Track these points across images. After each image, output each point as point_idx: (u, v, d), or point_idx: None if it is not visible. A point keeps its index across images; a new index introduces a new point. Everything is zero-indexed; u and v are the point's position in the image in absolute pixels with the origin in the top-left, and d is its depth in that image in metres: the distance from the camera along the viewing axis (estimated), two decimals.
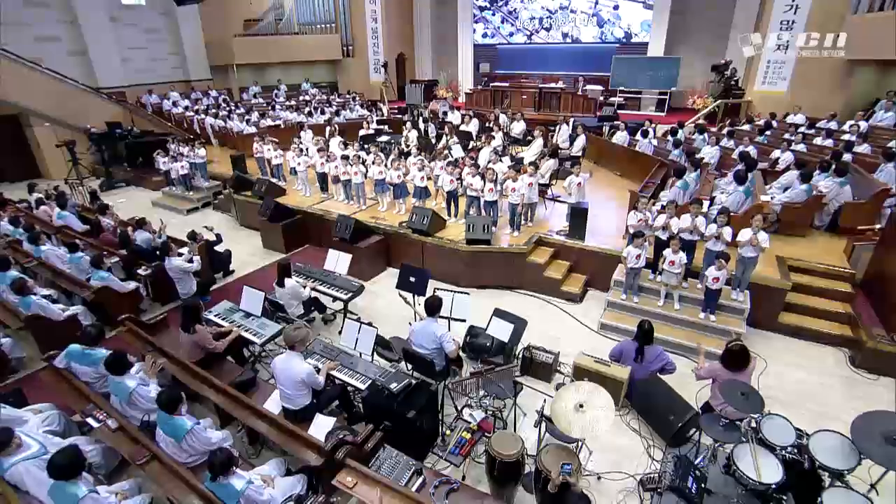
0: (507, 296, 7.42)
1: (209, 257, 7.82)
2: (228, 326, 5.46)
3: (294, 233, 9.09)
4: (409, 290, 6.00)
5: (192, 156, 11.67)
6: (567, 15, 18.75)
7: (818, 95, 13.05)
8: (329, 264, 6.65)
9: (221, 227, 10.44)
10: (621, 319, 6.41)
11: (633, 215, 6.47)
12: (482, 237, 7.23)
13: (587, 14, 18.31)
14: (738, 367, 4.23)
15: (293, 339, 4.22)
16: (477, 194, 7.94)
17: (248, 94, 19.71)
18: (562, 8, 18.82)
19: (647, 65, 16.49)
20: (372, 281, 7.93)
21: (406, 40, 22.14)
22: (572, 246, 7.52)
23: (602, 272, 7.30)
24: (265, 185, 9.67)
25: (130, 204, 12.61)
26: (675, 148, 9.99)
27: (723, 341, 5.86)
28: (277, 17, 19.90)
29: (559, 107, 16.24)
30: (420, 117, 13.82)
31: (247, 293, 5.73)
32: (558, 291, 7.23)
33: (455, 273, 7.55)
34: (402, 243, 8.10)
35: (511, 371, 3.95)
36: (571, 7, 18.56)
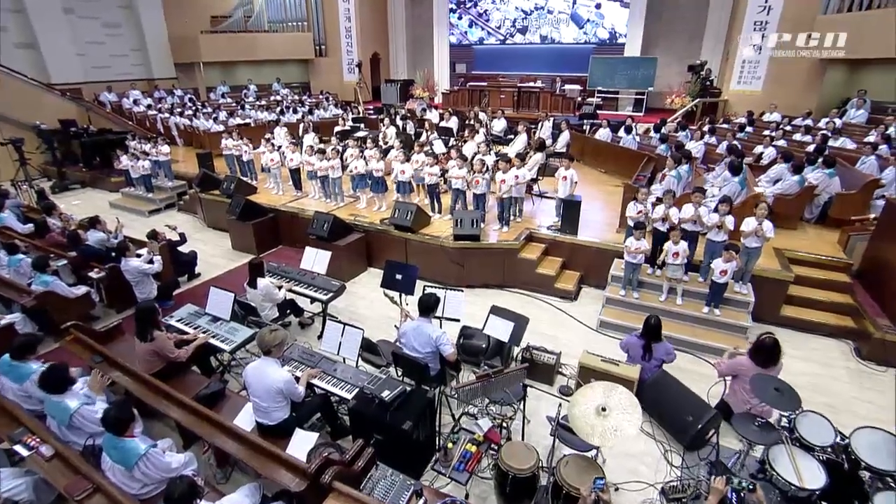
0: (498, 295, 6.99)
1: (172, 259, 7.13)
2: (193, 333, 4.84)
3: (266, 232, 8.45)
4: (394, 288, 5.49)
5: (155, 153, 10.86)
6: (544, 16, 18.64)
7: (792, 94, 13.24)
8: (306, 263, 6.08)
9: (187, 229, 9.69)
10: (621, 316, 6.07)
11: (633, 206, 6.16)
12: (471, 232, 6.80)
13: (565, 14, 18.23)
14: (768, 363, 3.91)
15: (269, 343, 3.66)
16: (463, 187, 7.52)
17: (215, 93, 18.81)
18: (538, 8, 18.73)
19: (625, 65, 16.50)
20: (352, 282, 7.38)
21: (380, 40, 21.67)
22: (564, 241, 7.17)
23: (596, 268, 6.98)
24: (234, 182, 9.00)
25: (86, 206, 11.65)
26: (661, 143, 9.84)
27: (729, 337, 5.62)
28: (246, 13, 19.11)
29: (538, 106, 16.06)
30: (397, 115, 13.35)
31: (214, 295, 5.12)
32: (552, 289, 6.85)
33: (442, 272, 7.08)
34: (384, 241, 7.59)
35: (522, 374, 3.50)
36: (548, 7, 18.47)
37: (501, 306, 4.99)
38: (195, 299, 6.41)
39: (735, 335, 5.63)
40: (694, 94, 14.60)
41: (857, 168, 8.14)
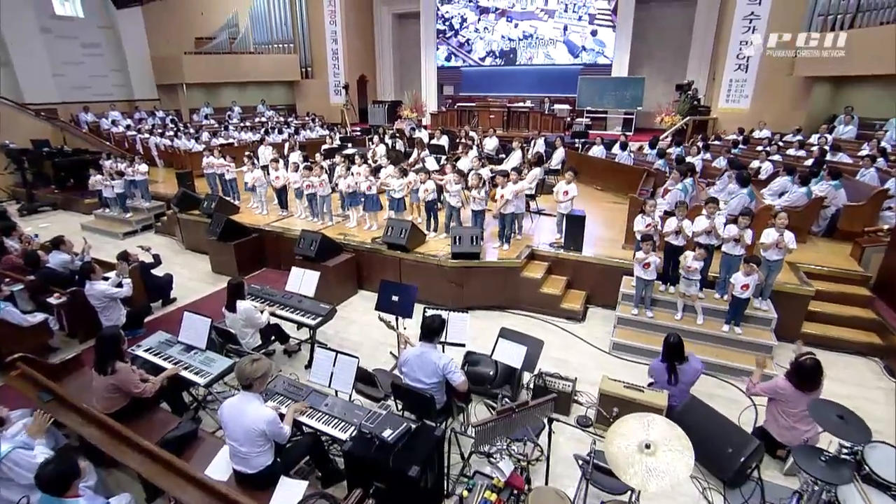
0: (500, 316, 6.52)
1: (144, 282, 6.52)
2: (163, 364, 4.26)
3: (249, 254, 7.90)
4: (391, 311, 4.99)
5: (132, 172, 10.29)
6: (533, 44, 18.73)
7: (779, 111, 13.33)
8: (292, 285, 5.56)
9: (164, 252, 9.10)
10: (635, 337, 5.63)
11: (641, 219, 5.80)
12: (470, 250, 6.36)
13: (555, 40, 18.34)
14: (810, 387, 3.49)
15: (250, 376, 3.12)
16: (458, 203, 7.13)
17: (198, 115, 18.38)
18: (526, 36, 18.83)
19: (613, 85, 16.57)
20: (342, 305, 6.84)
21: (367, 62, 21.60)
22: (569, 258, 6.77)
23: (603, 286, 6.59)
24: (215, 201, 8.48)
25: (55, 229, 10.89)
26: (658, 158, 9.64)
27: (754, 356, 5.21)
28: (232, 35, 18.88)
29: (528, 126, 15.95)
30: (386, 134, 13.04)
31: (188, 321, 4.55)
32: (558, 309, 6.41)
33: (439, 293, 6.60)
34: (376, 261, 7.11)
35: (549, 406, 3.02)
36: (538, 35, 18.58)
37: (510, 328, 4.53)
38: (169, 326, 5.82)
39: (760, 355, 5.22)
40: (683, 112, 14.64)
41: (858, 179, 8.01)
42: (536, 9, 18.50)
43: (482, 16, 19.58)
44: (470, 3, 19.48)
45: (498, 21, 19.30)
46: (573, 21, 17.82)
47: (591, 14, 17.36)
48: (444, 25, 20.01)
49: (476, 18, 19.71)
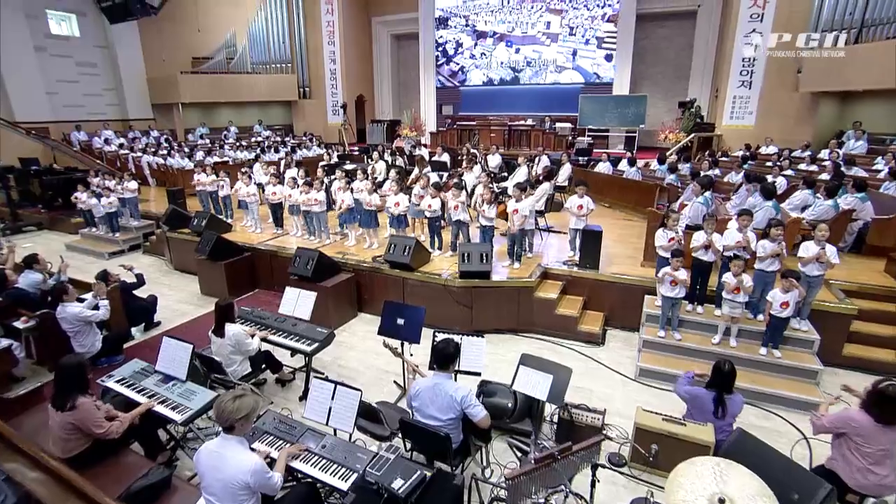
0: (512, 340, 6.02)
1: (125, 304, 6.00)
2: (136, 398, 3.72)
3: (240, 274, 7.40)
4: (396, 336, 4.49)
5: (121, 190, 9.85)
6: (539, 72, 18.66)
7: (786, 127, 13.12)
8: (286, 307, 5.05)
9: (151, 273, 8.63)
10: (663, 362, 5.13)
11: (662, 234, 5.37)
12: (480, 269, 5.89)
13: (562, 67, 18.13)
14: (893, 419, 2.99)
15: (231, 416, 2.59)
16: (465, 218, 6.69)
17: (193, 135, 18.09)
18: (528, 63, 18.77)
19: (615, 103, 16.44)
20: (340, 329, 6.32)
21: (366, 82, 21.53)
22: (585, 277, 6.31)
23: (622, 306, 6.13)
24: (206, 218, 8.02)
25: (38, 250, 10.40)
26: (670, 173, 9.31)
27: (797, 382, 4.73)
28: (229, 55, 18.76)
29: (529, 144, 15.73)
30: (386, 151, 12.73)
31: (167, 348, 4.03)
32: (575, 332, 5.92)
33: (446, 315, 6.09)
34: (377, 281, 6.62)
35: (596, 450, 2.51)
36: (542, 60, 18.54)
37: (532, 354, 4.03)
38: (151, 353, 5.29)
39: (803, 380, 4.74)
40: (688, 129, 14.43)
41: (882, 192, 7.67)
42: (538, 33, 18.44)
43: (479, 41, 19.50)
44: (466, 28, 19.49)
45: (496, 46, 19.24)
46: (580, 44, 17.67)
47: (598, 37, 17.27)
48: (438, 51, 19.99)
49: (472, 43, 19.64)
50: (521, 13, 18.44)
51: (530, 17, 18.37)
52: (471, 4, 19.12)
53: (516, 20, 18.62)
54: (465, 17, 19.33)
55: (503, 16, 18.79)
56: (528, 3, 18.14)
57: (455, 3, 19.29)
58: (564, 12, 17.73)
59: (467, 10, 19.25)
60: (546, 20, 18.16)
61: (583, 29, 17.49)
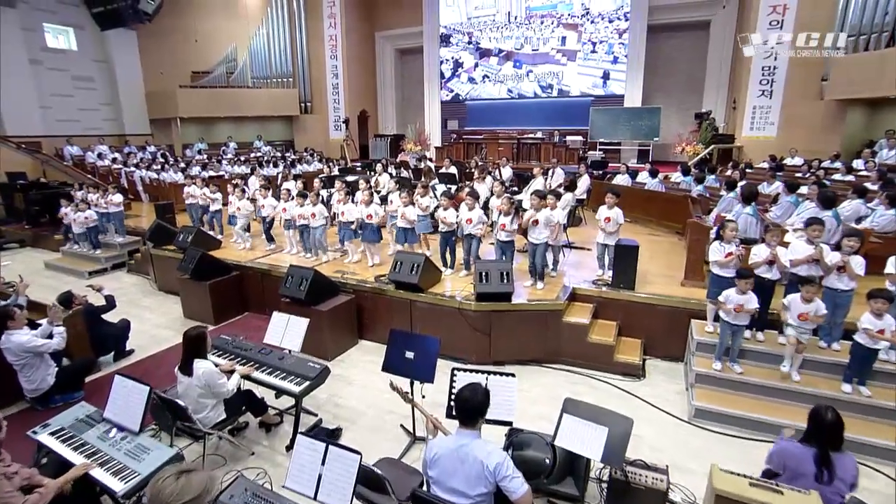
0: (537, 372, 5.18)
1: (91, 331, 5.21)
2: (70, 457, 2.90)
3: (227, 295, 6.62)
4: (404, 373, 3.68)
5: (105, 204, 9.16)
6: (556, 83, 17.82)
7: (810, 137, 12.41)
8: (273, 335, 4.26)
9: (133, 293, 7.90)
10: (723, 401, 4.28)
11: (718, 248, 4.59)
12: (500, 290, 5.09)
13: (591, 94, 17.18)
14: None
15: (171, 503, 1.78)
16: (479, 232, 5.93)
17: (191, 150, 17.53)
18: (545, 88, 17.85)
19: (627, 116, 15.83)
20: (338, 359, 5.51)
21: (369, 97, 21.07)
22: (618, 299, 5.50)
23: (663, 333, 5.32)
24: (193, 233, 7.28)
25: (17, 268, 9.70)
26: (697, 183, 8.58)
27: (890, 426, 3.87)
28: (229, 69, 18.35)
29: (539, 158, 15.06)
30: (391, 164, 12.07)
31: (119, 389, 3.22)
32: (611, 363, 5.08)
33: (459, 343, 5.29)
34: (382, 304, 5.82)
35: None
36: (562, 84, 17.60)
37: (575, 399, 3.21)
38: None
39: None
40: (706, 140, 13.77)
41: None
42: (552, 50, 17.49)
43: (482, 60, 18.73)
44: (469, 45, 18.97)
45: (502, 66, 18.52)
46: (607, 62, 16.64)
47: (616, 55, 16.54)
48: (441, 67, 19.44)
49: (473, 63, 18.85)
50: (531, 27, 17.70)
51: (541, 31, 17.59)
52: (475, 21, 18.61)
53: (524, 35, 17.91)
54: (468, 33, 18.83)
55: (509, 31, 18.14)
56: (536, 18, 17.55)
57: (459, 19, 18.84)
58: (581, 27, 16.89)
59: (471, 27, 18.68)
60: (560, 35, 17.33)
61: (607, 45, 16.53)
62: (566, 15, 17.03)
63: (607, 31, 16.50)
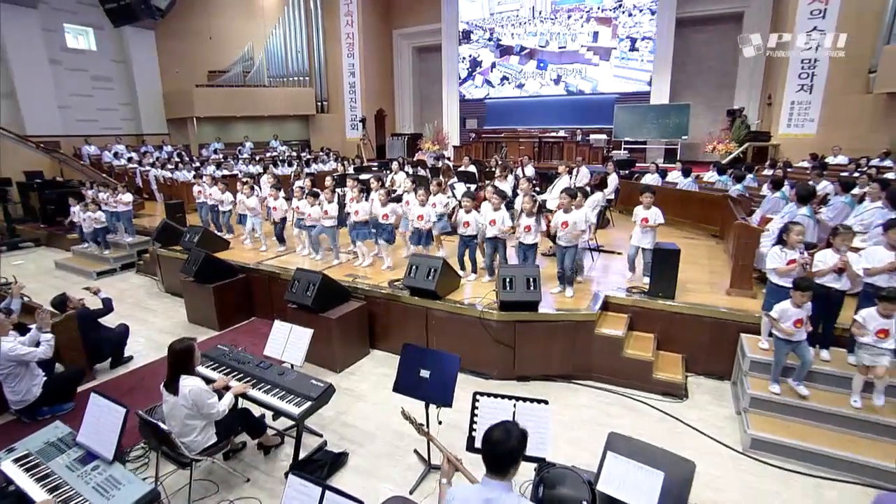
0: (568, 391, 4.66)
1: (86, 336, 4.88)
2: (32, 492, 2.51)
3: (234, 299, 6.26)
4: (419, 394, 3.22)
5: (114, 203, 8.94)
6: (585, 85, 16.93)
7: (855, 134, 11.59)
8: (273, 348, 3.85)
9: (139, 295, 7.63)
10: (784, 429, 3.71)
11: (779, 254, 4.01)
12: (527, 298, 4.58)
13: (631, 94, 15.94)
14: None
15: None
16: (503, 235, 5.43)
17: (207, 150, 17.43)
18: (576, 96, 16.84)
19: (654, 113, 15.13)
20: (347, 372, 5.08)
21: (386, 96, 20.75)
22: (656, 308, 4.95)
23: (707, 348, 4.77)
24: (199, 234, 6.96)
25: (29, 268, 9.61)
26: (736, 182, 7.93)
27: None
28: (246, 68, 18.21)
29: (561, 157, 14.48)
30: (407, 163, 11.67)
31: (94, 409, 2.84)
32: (650, 381, 4.54)
33: (481, 356, 4.81)
34: (396, 312, 5.37)
35: None
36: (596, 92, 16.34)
37: (621, 434, 2.70)
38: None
39: None
40: (739, 138, 13.02)
41: None
42: (581, 47, 16.50)
43: (502, 59, 18.00)
44: (489, 42, 18.43)
45: (524, 65, 17.84)
46: (645, 61, 15.65)
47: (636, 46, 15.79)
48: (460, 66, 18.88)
49: (490, 64, 18.18)
50: (557, 23, 16.84)
51: (569, 26, 16.65)
52: (498, 16, 18.04)
53: (549, 31, 17.03)
54: (489, 29, 18.29)
55: (533, 27, 17.37)
56: (563, 12, 16.68)
57: (481, 14, 18.31)
58: (615, 21, 15.79)
59: (493, 22, 18.10)
60: (591, 30, 16.26)
61: (651, 42, 15.45)
62: (596, 8, 16.19)
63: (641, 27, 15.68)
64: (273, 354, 3.83)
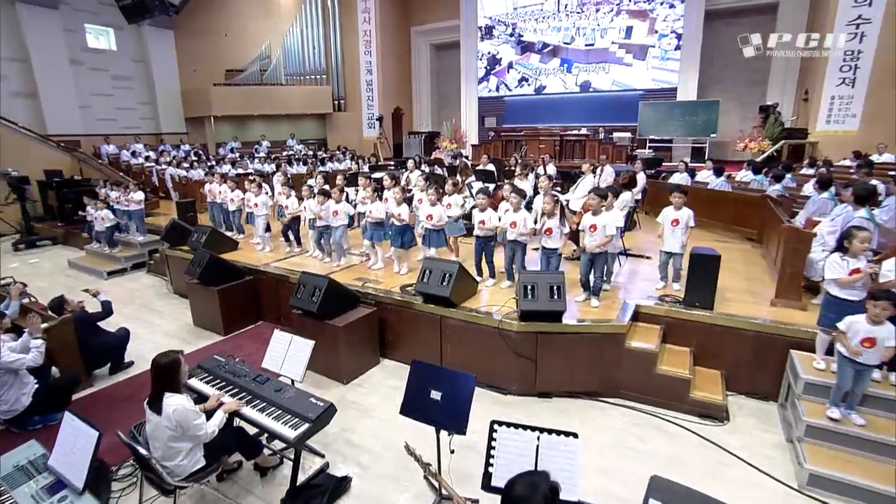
0: (595, 410, 4.24)
1: (83, 340, 4.66)
2: None
3: (240, 302, 5.99)
4: (427, 418, 2.86)
5: (125, 202, 8.82)
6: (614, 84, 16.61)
7: None
8: (271, 359, 3.54)
9: (147, 295, 7.46)
10: (849, 465, 3.23)
11: (840, 263, 3.52)
12: (549, 308, 4.18)
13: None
14: None
15: None
16: (524, 238, 5.04)
17: (224, 148, 17.41)
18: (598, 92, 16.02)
19: (681, 110, 14.49)
20: (354, 383, 4.75)
21: (403, 94, 20.47)
22: (691, 320, 4.50)
23: (750, 364, 4.31)
24: (207, 233, 6.73)
25: (43, 266, 9.58)
26: (775, 182, 7.38)
27: None
28: (263, 66, 18.13)
29: (583, 156, 13.96)
30: (424, 162, 11.33)
31: (67, 429, 2.56)
32: (685, 401, 4.09)
33: (499, 370, 4.43)
34: (407, 319, 5.01)
35: None
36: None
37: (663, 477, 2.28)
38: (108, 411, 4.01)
39: None
40: (773, 136, 12.32)
41: None
42: (611, 44, 15.65)
43: (521, 57, 17.36)
44: (511, 38, 17.92)
45: (548, 62, 17.06)
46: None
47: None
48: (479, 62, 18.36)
49: (507, 64, 17.56)
50: (584, 17, 16.02)
51: (598, 21, 15.71)
52: (521, 11, 17.41)
53: (575, 26, 16.21)
54: (511, 24, 17.79)
55: (557, 21, 16.66)
56: (591, 5, 15.89)
57: (504, 9, 17.84)
58: (652, 14, 14.80)
59: (516, 17, 17.53)
60: (623, 25, 15.33)
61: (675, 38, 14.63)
62: (628, 0, 15.35)
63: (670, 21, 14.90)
64: (271, 367, 3.52)
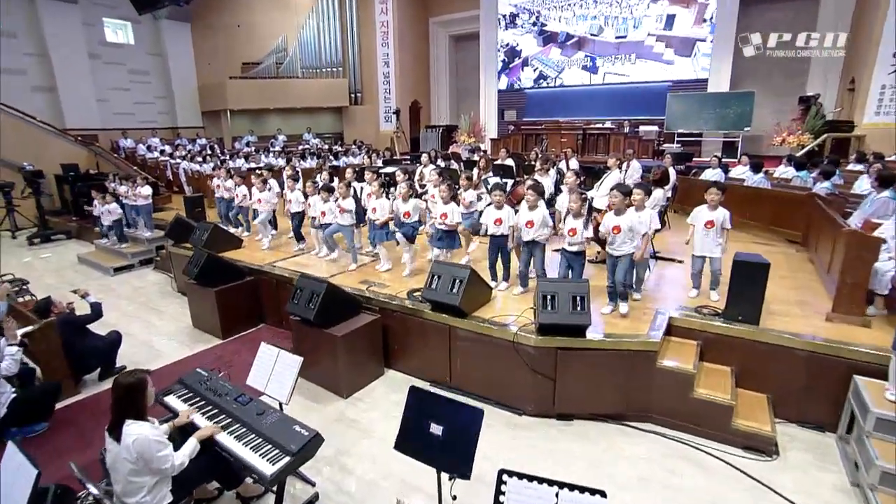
0: (620, 437, 3.76)
1: (69, 345, 4.38)
2: None
3: (239, 304, 5.66)
4: (425, 457, 2.43)
5: (133, 196, 8.63)
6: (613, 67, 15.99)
7: None
8: (257, 376, 3.15)
9: (150, 294, 7.23)
10: None
11: None
12: (571, 321, 3.70)
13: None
14: None
15: None
16: (543, 239, 4.57)
17: (240, 142, 17.27)
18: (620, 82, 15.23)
19: (713, 102, 13.65)
20: (354, 397, 4.35)
21: (421, 87, 19.98)
22: (734, 336, 3.96)
23: (800, 388, 3.76)
24: (209, 230, 6.43)
25: (55, 261, 9.49)
26: (824, 179, 6.71)
27: None
28: (279, 60, 17.90)
29: (607, 150, 13.31)
30: (439, 157, 10.88)
31: (9, 464, 2.22)
32: (727, 430, 3.57)
33: (513, 388, 3.99)
34: (413, 328, 4.59)
35: None
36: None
37: None
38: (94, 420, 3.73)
39: None
40: (815, 129, 11.47)
41: None
42: (648, 36, 14.48)
43: (544, 48, 16.43)
44: (533, 27, 17.16)
45: (570, 56, 16.15)
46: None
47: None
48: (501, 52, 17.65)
49: (522, 60, 16.67)
50: (615, 4, 14.81)
51: (631, 8, 14.57)
52: None
53: (603, 15, 15.11)
54: (536, 13, 17.00)
55: (584, 9, 15.72)
56: None
57: None
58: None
59: (540, 5, 16.62)
60: (662, 12, 14.07)
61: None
62: None
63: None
64: (256, 385, 3.14)
